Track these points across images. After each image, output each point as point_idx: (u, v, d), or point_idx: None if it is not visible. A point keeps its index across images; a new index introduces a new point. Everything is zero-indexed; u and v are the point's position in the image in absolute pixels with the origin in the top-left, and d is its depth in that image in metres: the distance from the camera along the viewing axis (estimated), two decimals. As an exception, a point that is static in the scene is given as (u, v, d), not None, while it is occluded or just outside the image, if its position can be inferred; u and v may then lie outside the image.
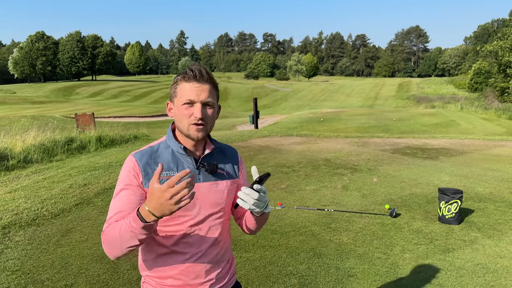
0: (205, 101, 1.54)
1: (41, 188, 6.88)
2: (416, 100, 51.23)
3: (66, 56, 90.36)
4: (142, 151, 1.63)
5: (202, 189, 1.62)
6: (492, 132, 15.83)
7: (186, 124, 1.55)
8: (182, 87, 1.55)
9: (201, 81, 1.54)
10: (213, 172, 1.64)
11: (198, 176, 1.62)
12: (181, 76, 1.57)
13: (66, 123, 19.21)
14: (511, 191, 6.55)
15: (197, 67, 1.55)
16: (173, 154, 1.62)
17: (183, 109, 1.54)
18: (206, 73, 1.55)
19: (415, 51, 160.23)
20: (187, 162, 1.61)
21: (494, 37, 55.01)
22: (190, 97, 1.52)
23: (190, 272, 1.61)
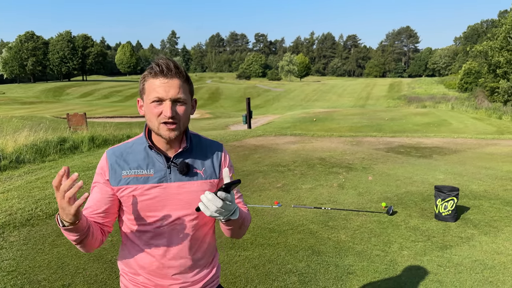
0: (175, 97, 1.43)
1: (34, 188, 6.79)
2: (407, 100, 51.59)
3: (56, 56, 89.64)
4: (116, 147, 1.59)
5: (171, 189, 1.54)
6: (483, 131, 15.99)
7: (156, 123, 1.46)
8: (149, 84, 1.45)
9: (169, 76, 1.43)
10: (184, 172, 1.53)
11: (169, 175, 1.53)
12: (148, 71, 1.46)
13: (58, 124, 19.04)
14: (505, 189, 6.62)
15: (164, 61, 1.44)
16: (145, 151, 1.55)
17: (152, 107, 1.45)
18: (175, 66, 1.44)
19: (405, 52, 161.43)
20: (158, 161, 1.54)
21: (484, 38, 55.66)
22: (158, 94, 1.42)
23: (159, 274, 1.58)
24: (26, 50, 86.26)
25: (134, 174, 1.51)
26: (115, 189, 1.52)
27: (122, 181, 1.51)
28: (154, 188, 1.52)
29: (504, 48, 34.34)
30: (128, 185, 1.51)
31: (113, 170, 1.52)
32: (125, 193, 1.52)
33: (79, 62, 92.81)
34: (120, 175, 1.52)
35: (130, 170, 1.52)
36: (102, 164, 1.56)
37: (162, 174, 1.53)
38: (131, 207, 1.53)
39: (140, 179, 1.52)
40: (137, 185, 1.51)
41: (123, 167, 1.52)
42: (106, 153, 1.57)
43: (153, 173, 1.52)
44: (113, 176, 1.52)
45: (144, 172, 1.52)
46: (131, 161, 1.54)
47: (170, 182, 1.53)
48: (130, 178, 1.51)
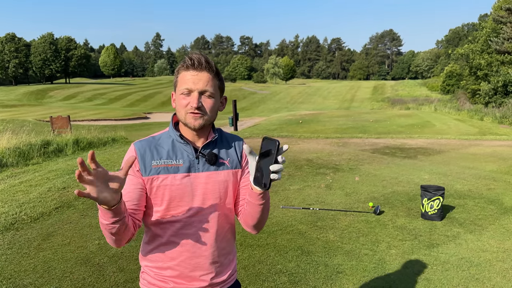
0: (202, 89, 1.48)
1: (18, 192, 6.67)
2: (391, 102, 52.15)
3: (39, 58, 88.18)
4: (143, 140, 1.61)
5: (200, 179, 1.56)
6: (466, 132, 16.27)
7: (183, 113, 1.51)
8: (181, 76, 1.51)
9: (199, 69, 1.49)
10: (212, 162, 1.57)
11: (197, 165, 1.56)
12: (181, 64, 1.53)
13: (41, 127, 18.70)
14: (488, 188, 6.75)
15: (196, 55, 1.50)
16: (173, 143, 1.58)
17: (181, 98, 1.50)
18: (206, 61, 1.49)
19: (389, 55, 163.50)
20: (186, 151, 1.57)
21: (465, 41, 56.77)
22: (187, 85, 1.48)
23: (189, 264, 1.57)
24: (8, 51, 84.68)
25: (164, 164, 1.53)
26: (145, 180, 1.52)
27: (152, 171, 1.52)
28: (184, 177, 1.54)
29: (485, 51, 35.08)
30: (159, 174, 1.52)
31: (142, 160, 1.53)
32: (156, 183, 1.52)
33: (62, 65, 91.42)
34: (150, 165, 1.53)
35: (160, 159, 1.54)
36: (131, 155, 1.53)
37: (191, 163, 1.55)
38: (162, 196, 1.53)
39: (170, 169, 1.53)
40: (168, 175, 1.53)
41: (153, 156, 1.54)
42: (134, 145, 1.59)
43: (183, 163, 1.54)
44: (143, 166, 1.52)
45: (174, 162, 1.54)
46: (161, 152, 1.56)
47: (198, 172, 1.56)
48: (161, 167, 1.53)
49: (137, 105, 56.43)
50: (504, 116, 21.76)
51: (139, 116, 35.08)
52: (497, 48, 32.72)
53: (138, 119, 32.59)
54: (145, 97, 62.20)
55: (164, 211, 1.55)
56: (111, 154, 10.39)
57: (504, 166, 8.45)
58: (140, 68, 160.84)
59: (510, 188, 6.75)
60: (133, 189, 1.51)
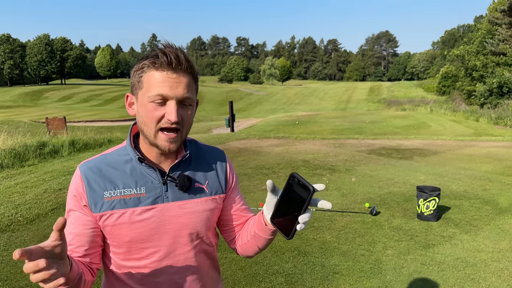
0: (183, 97, 1.14)
1: (13, 194, 6.64)
2: (387, 103, 52.31)
3: (34, 59, 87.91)
4: (91, 161, 1.24)
5: (170, 211, 1.22)
6: (462, 133, 16.36)
7: (153, 129, 1.15)
8: (151, 77, 1.14)
9: (178, 71, 1.13)
10: (185, 187, 1.23)
11: (166, 194, 1.22)
12: (150, 60, 1.14)
13: (36, 128, 18.64)
14: (484, 189, 6.79)
15: (172, 51, 1.13)
16: (131, 164, 1.23)
17: (151, 108, 1.13)
18: (186, 59, 1.14)
19: (385, 56, 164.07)
20: (150, 176, 1.22)
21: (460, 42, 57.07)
22: (163, 91, 1.12)
23: None
24: (3, 52, 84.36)
25: (121, 195, 1.19)
26: (97, 217, 1.19)
27: (104, 206, 1.18)
28: (148, 211, 1.20)
29: (480, 52, 35.28)
30: (113, 209, 1.18)
31: (91, 191, 1.18)
32: (110, 221, 1.18)
33: (58, 66, 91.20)
34: (101, 198, 1.18)
35: (115, 190, 1.19)
36: (76, 184, 1.21)
37: (157, 192, 1.22)
38: (119, 238, 1.20)
39: (128, 201, 1.19)
40: (126, 209, 1.19)
41: (105, 186, 1.19)
42: (79, 169, 1.22)
43: (145, 192, 1.20)
44: (92, 199, 1.18)
45: (133, 191, 1.20)
46: (115, 178, 1.21)
47: (167, 202, 1.22)
48: (116, 200, 1.18)
49: (133, 106, 56.17)
50: (500, 117, 21.88)
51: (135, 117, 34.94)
52: (492, 50, 32.93)
53: (134, 120, 32.46)
54: (141, 98, 61.99)
55: (125, 255, 1.23)
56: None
57: (499, 167, 8.50)
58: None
59: (505, 188, 6.79)
60: (81, 230, 1.18)
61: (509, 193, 6.48)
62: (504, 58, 30.94)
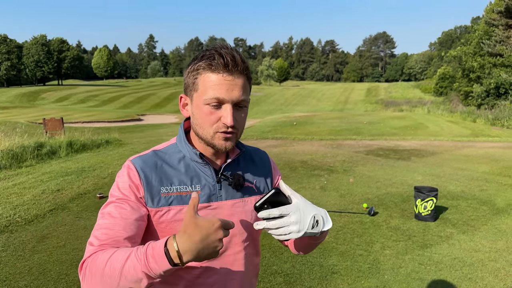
0: (239, 100, 1.12)
1: (11, 195, 6.63)
2: (384, 104, 52.38)
3: (31, 60, 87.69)
4: (144, 156, 1.23)
5: (224, 210, 1.22)
6: (459, 134, 16.41)
7: (210, 131, 1.15)
8: (206, 79, 1.12)
9: (234, 73, 1.11)
10: (239, 186, 1.23)
11: (219, 192, 1.22)
12: (206, 62, 1.11)
13: (33, 129, 18.59)
14: (481, 189, 6.82)
15: (228, 52, 1.11)
16: (185, 162, 1.22)
17: (207, 111, 1.13)
18: (242, 60, 1.12)
19: (382, 57, 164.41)
20: (204, 174, 1.22)
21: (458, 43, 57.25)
22: (219, 94, 1.10)
23: None
24: (0, 53, 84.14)
25: (177, 192, 1.18)
26: (152, 212, 1.15)
27: (162, 201, 1.16)
28: (204, 208, 1.19)
29: (477, 54, 35.40)
30: (170, 205, 1.16)
31: (148, 185, 1.16)
32: (167, 217, 1.16)
33: (55, 66, 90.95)
34: (158, 193, 1.16)
35: (171, 186, 1.18)
36: (132, 177, 1.17)
37: (211, 190, 1.21)
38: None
39: (185, 198, 1.18)
40: (183, 206, 1.17)
41: (162, 182, 1.18)
42: (134, 163, 1.20)
43: (200, 189, 1.20)
44: (149, 193, 1.15)
45: (189, 188, 1.19)
46: (170, 175, 1.19)
47: (221, 201, 1.22)
48: (173, 196, 1.17)
49: (130, 107, 56.27)
50: (496, 118, 21.97)
51: (133, 118, 34.96)
52: (489, 51, 33.05)
53: (132, 121, 32.50)
54: (138, 99, 62.02)
55: None
56: (105, 156, 10.37)
57: (496, 168, 8.54)
58: (133, 70, 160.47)
59: (502, 189, 6.83)
60: (132, 218, 1.12)
61: (506, 194, 6.52)
62: (501, 59, 31.03)
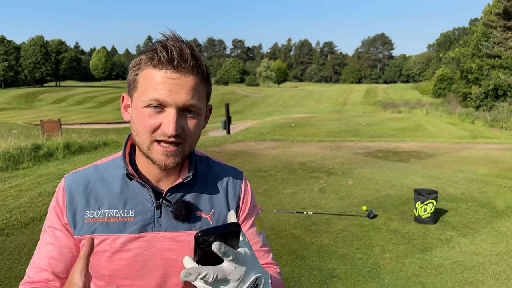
0: (185, 104, 0.91)
1: (8, 197, 6.57)
2: (383, 106, 52.47)
3: (29, 61, 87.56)
4: (80, 172, 1.05)
5: (159, 242, 0.99)
6: (458, 135, 16.41)
7: (147, 140, 0.93)
8: (147, 76, 0.91)
9: (181, 70, 0.90)
10: (180, 217, 0.99)
11: (158, 220, 0.99)
12: (148, 55, 0.91)
13: (30, 130, 18.52)
14: (480, 191, 6.79)
15: (176, 44, 0.90)
16: (125, 180, 1.01)
17: (145, 114, 0.91)
18: (192, 55, 0.90)
19: (380, 58, 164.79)
20: (142, 196, 1.00)
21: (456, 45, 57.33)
22: (160, 95, 0.89)
23: None
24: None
25: (103, 217, 0.98)
26: (76, 240, 0.99)
27: (84, 228, 0.98)
28: (134, 240, 0.98)
29: (476, 55, 35.46)
30: (93, 234, 0.97)
31: (72, 209, 0.98)
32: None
33: (53, 68, 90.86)
34: (82, 218, 0.98)
35: (98, 210, 0.98)
36: (58, 198, 1.02)
37: (147, 218, 0.99)
38: (97, 269, 1.00)
39: (112, 226, 0.98)
40: (108, 235, 0.97)
41: (88, 204, 0.99)
42: (65, 180, 1.03)
43: (134, 216, 0.98)
44: (72, 219, 0.98)
45: (120, 214, 0.98)
46: (101, 195, 1.00)
47: (159, 232, 1.00)
48: (97, 223, 0.98)
49: (129, 108, 56.07)
50: (495, 120, 22.00)
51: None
52: (488, 52, 33.10)
53: (129, 123, 32.43)
54: (137, 100, 61.91)
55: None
56: (101, 158, 10.31)
57: (495, 169, 8.52)
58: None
59: (502, 191, 6.80)
60: (59, 251, 0.99)
61: (505, 196, 6.49)
62: (499, 61, 31.08)
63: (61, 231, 0.99)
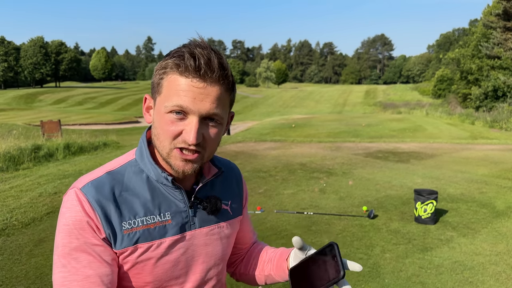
0: (208, 113, 0.90)
1: (8, 197, 6.58)
2: (383, 106, 52.48)
3: (29, 62, 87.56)
4: (96, 181, 0.95)
5: (199, 239, 1.03)
6: (458, 136, 16.42)
7: (167, 145, 0.92)
8: (172, 81, 0.89)
9: (207, 80, 0.88)
10: (216, 211, 1.05)
11: (193, 219, 1.02)
12: (174, 61, 0.89)
13: (30, 131, 18.53)
14: (480, 192, 6.80)
15: (204, 53, 0.87)
16: (150, 184, 0.98)
17: (167, 120, 0.90)
18: (220, 65, 0.89)
19: (380, 59, 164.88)
20: (174, 198, 1.00)
21: (456, 45, 57.36)
22: (184, 102, 0.87)
23: None
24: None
25: (143, 225, 0.95)
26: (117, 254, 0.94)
27: (125, 241, 0.93)
28: (178, 242, 0.99)
29: (476, 56, 35.48)
30: (137, 244, 0.94)
31: (107, 223, 0.92)
32: (133, 257, 0.95)
33: (52, 68, 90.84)
34: (120, 230, 0.93)
35: (135, 219, 0.94)
36: (84, 212, 0.91)
37: (183, 217, 1.00)
38: (139, 277, 0.98)
39: (154, 232, 0.96)
40: (152, 242, 0.96)
41: (122, 215, 0.94)
42: (84, 193, 0.92)
43: (171, 218, 0.98)
44: (109, 231, 0.92)
45: (157, 218, 0.97)
46: (134, 204, 0.96)
47: (195, 229, 1.02)
48: (139, 232, 0.94)
49: (128, 109, 56.19)
50: (495, 120, 22.01)
51: (130, 120, 34.93)
52: (487, 53, 33.12)
53: (129, 123, 32.46)
54: (136, 101, 61.95)
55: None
56: (102, 159, 10.32)
57: (495, 170, 8.53)
58: (131, 72, 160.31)
59: (502, 191, 6.81)
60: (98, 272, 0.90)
61: (505, 196, 6.50)
62: (499, 62, 31.10)
63: (103, 246, 0.92)
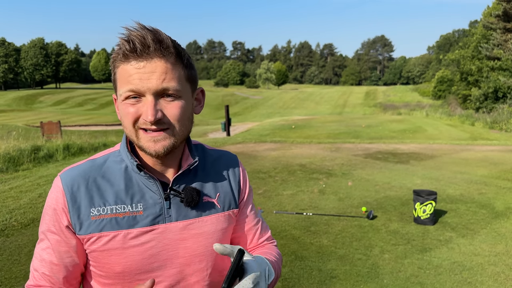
0: (159, 88, 0.90)
1: (8, 198, 6.58)
2: (383, 108, 52.53)
3: (29, 63, 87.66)
4: (76, 168, 1.01)
5: (173, 233, 1.00)
6: (457, 137, 16.42)
7: (132, 129, 0.94)
8: (121, 72, 0.93)
9: (145, 56, 0.89)
10: (193, 203, 1.00)
11: (168, 211, 0.99)
12: (116, 53, 0.94)
13: (30, 132, 18.54)
14: (480, 192, 6.80)
15: (138, 34, 0.89)
16: (127, 174, 0.99)
17: (126, 106, 0.93)
18: (154, 40, 0.89)
19: (380, 60, 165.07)
20: (149, 189, 0.99)
21: (456, 47, 57.35)
22: (132, 85, 0.90)
23: None
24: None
25: (111, 214, 0.95)
26: (82, 240, 0.96)
27: (92, 226, 0.95)
28: (146, 233, 0.98)
29: (475, 57, 35.52)
30: (102, 232, 0.95)
31: (75, 208, 0.95)
32: (98, 245, 0.95)
33: (53, 70, 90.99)
34: (87, 216, 0.95)
35: (105, 206, 0.96)
36: (56, 199, 0.97)
37: (157, 210, 0.99)
38: (109, 267, 0.98)
39: (122, 221, 0.96)
40: (118, 231, 0.95)
41: (92, 202, 0.96)
42: (61, 179, 0.99)
43: (143, 209, 0.97)
44: (76, 216, 0.95)
45: (128, 208, 0.97)
46: (105, 191, 0.97)
47: (170, 222, 1.00)
48: (106, 220, 0.95)
49: (129, 110, 56.07)
50: (495, 121, 21.99)
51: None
52: (487, 54, 33.11)
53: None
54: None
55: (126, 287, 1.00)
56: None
57: (495, 171, 8.53)
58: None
59: (501, 192, 6.81)
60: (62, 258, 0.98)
61: (505, 197, 6.50)
62: (499, 63, 31.11)
63: (59, 235, 0.97)
